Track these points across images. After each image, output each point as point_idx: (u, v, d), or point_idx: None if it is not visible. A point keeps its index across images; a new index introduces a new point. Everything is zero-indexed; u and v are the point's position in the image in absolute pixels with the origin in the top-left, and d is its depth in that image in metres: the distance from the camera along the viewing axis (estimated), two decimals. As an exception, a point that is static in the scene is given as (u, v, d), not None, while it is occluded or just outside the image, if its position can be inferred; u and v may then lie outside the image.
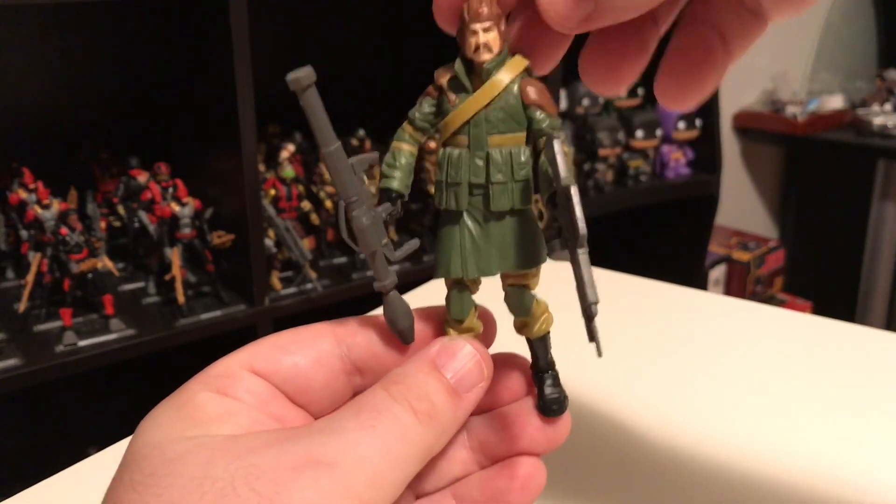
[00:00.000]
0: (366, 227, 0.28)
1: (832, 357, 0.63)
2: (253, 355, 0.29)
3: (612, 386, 0.56)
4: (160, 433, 0.26)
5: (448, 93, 0.28)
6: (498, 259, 0.29)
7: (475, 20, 0.27)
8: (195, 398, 0.27)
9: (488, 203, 0.28)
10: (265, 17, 1.40)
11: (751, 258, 2.29)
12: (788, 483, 0.47)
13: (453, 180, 0.28)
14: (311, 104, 0.25)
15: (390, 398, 0.26)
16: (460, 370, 0.28)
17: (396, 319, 0.30)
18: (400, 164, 0.29)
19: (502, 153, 0.28)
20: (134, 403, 1.56)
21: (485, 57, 0.27)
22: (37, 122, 1.44)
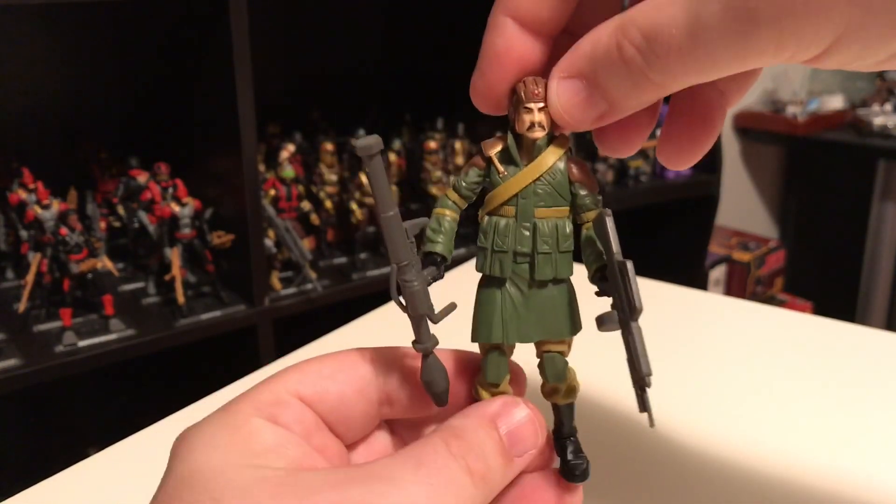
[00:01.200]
0: (417, 292, 0.28)
1: (832, 357, 0.63)
2: (300, 382, 0.29)
3: (612, 386, 0.56)
4: (219, 457, 0.26)
5: (497, 164, 0.30)
6: (538, 326, 0.30)
7: (531, 100, 0.29)
8: (249, 424, 0.27)
9: (533, 272, 0.30)
10: (265, 17, 1.40)
11: (751, 258, 2.29)
12: (789, 483, 0.47)
13: (500, 248, 0.30)
14: (376, 172, 0.27)
15: (450, 454, 0.26)
16: (516, 433, 0.29)
17: (433, 382, 0.30)
18: (444, 230, 0.30)
19: (548, 225, 0.29)
20: (134, 403, 1.56)
21: (538, 134, 0.29)
22: (37, 122, 1.44)
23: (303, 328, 0.99)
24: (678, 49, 0.25)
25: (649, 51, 0.25)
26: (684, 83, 0.26)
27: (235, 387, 0.59)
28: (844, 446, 0.51)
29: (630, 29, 0.26)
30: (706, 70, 0.25)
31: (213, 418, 0.28)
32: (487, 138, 0.31)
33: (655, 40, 0.25)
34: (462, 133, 1.58)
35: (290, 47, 1.69)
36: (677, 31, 0.24)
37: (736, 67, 0.25)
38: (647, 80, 0.26)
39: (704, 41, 0.24)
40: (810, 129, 2.34)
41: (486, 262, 0.30)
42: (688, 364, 0.61)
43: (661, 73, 0.26)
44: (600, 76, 0.27)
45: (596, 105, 0.28)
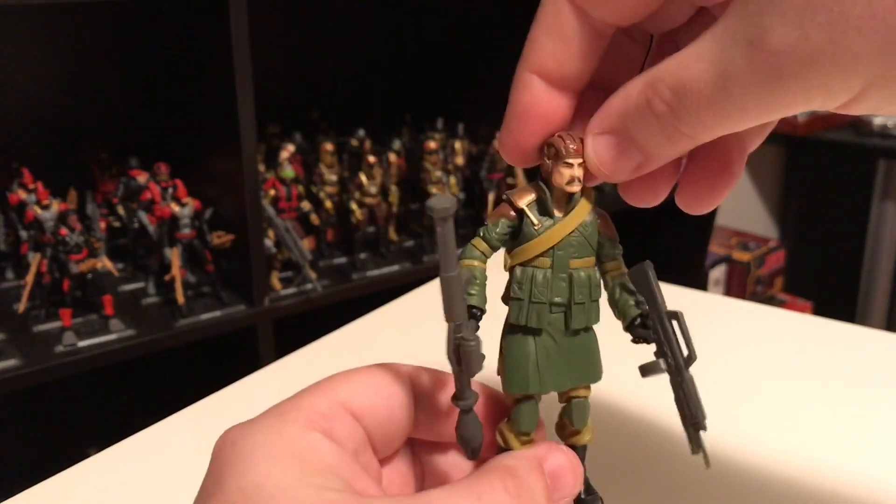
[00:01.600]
0: (474, 352, 0.29)
1: (832, 357, 0.63)
2: (353, 394, 0.29)
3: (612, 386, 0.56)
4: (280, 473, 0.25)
5: (531, 216, 0.30)
6: (570, 374, 0.31)
7: (571, 156, 0.29)
8: (306, 437, 0.27)
9: (568, 321, 0.30)
10: (265, 17, 1.40)
11: (751, 258, 2.29)
12: (789, 483, 0.47)
13: (538, 300, 0.30)
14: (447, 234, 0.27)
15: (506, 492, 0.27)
16: (558, 480, 0.29)
17: (472, 438, 0.30)
18: (478, 282, 0.31)
19: (582, 275, 0.30)
20: (134, 403, 1.56)
21: (576, 188, 0.30)
22: (37, 122, 1.44)
23: (303, 328, 0.99)
24: (707, 102, 0.25)
25: (679, 105, 0.26)
26: (717, 134, 0.27)
27: (235, 387, 0.59)
28: (844, 446, 0.51)
29: (659, 85, 0.26)
30: (736, 122, 0.26)
31: (266, 425, 0.27)
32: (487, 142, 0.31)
33: (684, 95, 0.26)
34: (462, 133, 1.58)
35: (290, 47, 1.69)
36: (704, 86, 0.25)
37: (767, 118, 0.25)
38: (680, 133, 0.27)
39: (731, 95, 0.25)
40: (810, 129, 2.34)
41: (521, 313, 0.30)
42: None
43: (691, 126, 0.26)
44: (633, 131, 0.28)
45: (632, 158, 0.28)
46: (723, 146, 0.31)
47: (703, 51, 0.25)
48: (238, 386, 0.59)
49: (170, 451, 0.51)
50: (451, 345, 0.29)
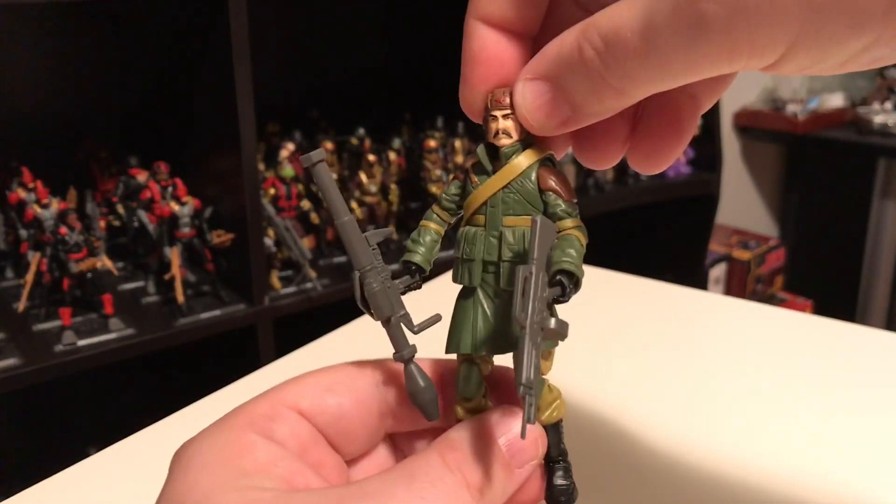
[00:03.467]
0: (377, 293, 0.28)
1: (832, 357, 0.62)
2: (299, 395, 0.29)
3: (612, 386, 0.56)
4: (208, 477, 0.25)
5: (472, 175, 0.30)
6: (507, 337, 0.29)
7: (496, 107, 0.29)
8: (242, 439, 0.27)
9: (498, 280, 0.29)
10: (265, 17, 1.40)
11: (751, 257, 2.29)
12: (788, 483, 0.47)
13: (468, 256, 0.29)
14: (323, 179, 0.27)
15: (445, 467, 0.26)
16: (517, 445, 0.28)
17: (416, 393, 0.29)
18: (424, 241, 0.30)
19: (515, 233, 0.29)
20: (134, 403, 1.56)
21: (504, 142, 0.29)
22: (36, 121, 1.44)
23: (303, 327, 0.99)
24: (633, 52, 0.24)
25: (607, 53, 0.25)
26: (644, 90, 0.26)
27: (235, 387, 0.59)
28: (844, 446, 0.51)
29: (591, 31, 0.25)
30: (662, 76, 0.25)
31: (209, 432, 0.27)
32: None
33: (613, 43, 0.25)
34: (462, 132, 1.58)
35: (290, 47, 1.69)
36: (632, 35, 0.24)
37: (692, 75, 0.25)
38: (606, 84, 0.26)
39: (656, 45, 0.24)
40: (810, 128, 2.34)
41: (456, 272, 0.30)
42: (687, 364, 0.61)
43: (618, 78, 0.25)
44: (563, 79, 0.27)
45: (559, 109, 0.27)
46: (673, 104, 0.30)
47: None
48: (238, 385, 0.59)
49: (170, 451, 0.51)
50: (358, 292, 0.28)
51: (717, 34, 0.23)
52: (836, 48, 0.23)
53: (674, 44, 0.24)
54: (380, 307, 0.28)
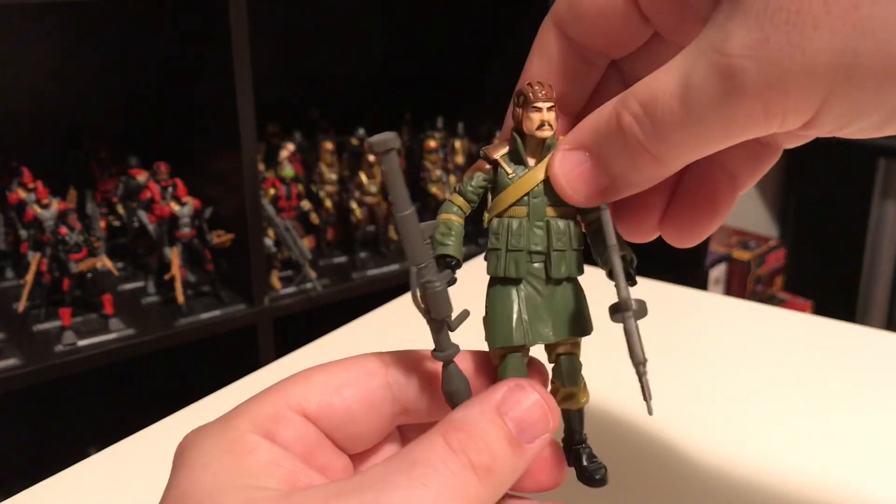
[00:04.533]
0: (440, 293, 0.27)
1: (832, 357, 0.62)
2: (304, 396, 0.28)
3: (612, 386, 0.56)
4: (210, 478, 0.25)
5: (505, 166, 0.30)
6: (556, 326, 0.29)
7: (540, 99, 0.29)
8: (244, 439, 0.26)
9: (548, 269, 0.29)
10: (265, 17, 1.40)
11: (751, 257, 2.29)
12: (788, 483, 0.47)
13: (514, 248, 0.29)
14: (392, 168, 0.26)
15: (448, 449, 0.25)
16: (525, 419, 0.27)
17: (456, 393, 0.29)
18: (454, 233, 0.30)
19: (560, 223, 0.29)
20: (134, 403, 1.56)
21: (547, 133, 0.29)
22: (36, 121, 1.44)
23: (303, 328, 0.99)
24: (671, 116, 0.25)
25: (645, 119, 0.25)
26: (682, 157, 0.26)
27: (235, 387, 0.59)
28: (844, 446, 0.51)
29: (629, 99, 0.26)
30: (700, 140, 0.25)
31: (211, 431, 0.27)
32: (487, 142, 0.31)
33: (651, 108, 0.25)
34: (462, 132, 1.58)
35: (290, 47, 1.69)
36: (670, 98, 0.24)
37: (729, 138, 0.25)
38: (645, 152, 0.26)
39: (694, 107, 0.24)
40: (810, 128, 2.33)
41: (499, 264, 0.29)
42: (687, 364, 0.61)
43: (657, 144, 0.26)
44: (602, 147, 0.27)
45: (597, 179, 0.28)
46: (711, 181, 0.31)
47: (674, 63, 0.25)
48: (238, 385, 0.59)
49: (170, 451, 0.51)
50: (416, 289, 0.27)
51: (751, 92, 0.23)
52: (872, 106, 0.23)
53: (711, 104, 0.24)
54: (441, 307, 0.27)
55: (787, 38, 0.22)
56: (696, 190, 0.31)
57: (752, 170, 0.31)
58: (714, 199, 0.31)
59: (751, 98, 0.23)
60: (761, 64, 0.23)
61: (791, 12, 0.22)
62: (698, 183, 0.31)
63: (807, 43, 0.22)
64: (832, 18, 0.22)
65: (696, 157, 0.26)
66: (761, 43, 0.22)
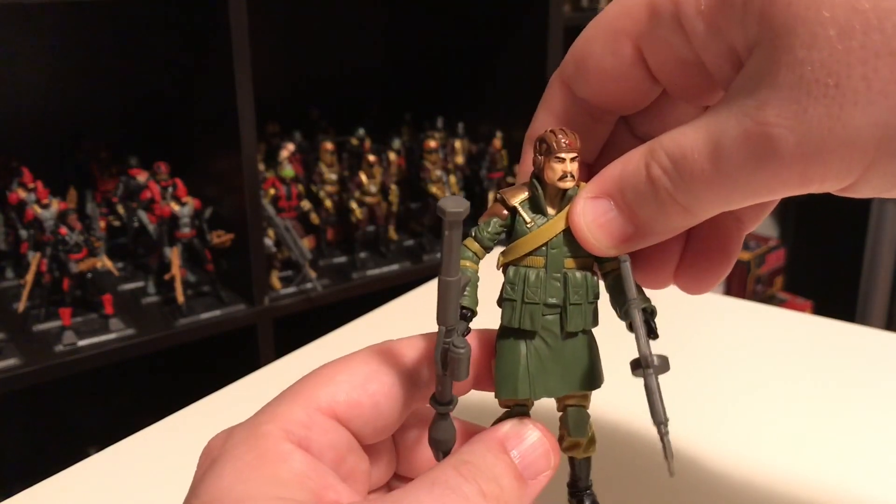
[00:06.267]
0: (463, 358, 0.27)
1: (832, 357, 0.62)
2: (333, 397, 0.28)
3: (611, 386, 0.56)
4: (241, 486, 0.25)
5: (523, 213, 0.29)
6: (564, 379, 0.29)
7: (563, 150, 0.28)
8: (278, 449, 0.26)
9: (564, 323, 0.29)
10: (265, 16, 1.40)
11: (751, 257, 2.29)
12: (788, 483, 0.47)
13: (531, 300, 0.29)
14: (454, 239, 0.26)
15: (461, 477, 0.26)
16: (528, 456, 0.28)
17: (443, 442, 0.29)
18: (470, 283, 0.29)
19: (577, 275, 0.29)
20: (134, 403, 1.56)
21: (569, 184, 0.28)
22: (36, 121, 1.44)
23: (303, 328, 0.99)
24: (701, 174, 0.25)
25: (675, 174, 0.25)
26: (713, 210, 0.26)
27: (235, 387, 0.59)
28: (844, 446, 0.51)
29: (658, 151, 0.26)
30: (731, 198, 0.25)
31: (243, 437, 0.27)
32: (487, 141, 0.31)
33: (681, 163, 0.25)
34: (462, 132, 1.58)
35: (290, 47, 1.69)
36: (699, 156, 0.24)
37: (763, 196, 0.25)
38: (674, 203, 0.26)
39: (725, 169, 0.24)
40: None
41: (514, 315, 0.29)
42: (687, 364, 0.61)
43: (687, 197, 0.26)
44: (628, 197, 0.27)
45: (622, 228, 0.28)
46: (720, 228, 0.31)
47: (704, 121, 0.25)
48: (238, 386, 0.59)
49: (170, 451, 0.51)
50: (440, 349, 0.28)
51: (789, 159, 0.23)
52: None
53: (743, 167, 0.24)
54: (460, 372, 0.28)
55: (827, 110, 0.22)
56: (708, 238, 0.31)
57: (757, 213, 0.31)
58: (725, 245, 0.31)
59: (788, 165, 0.23)
60: (799, 135, 0.22)
61: (829, 86, 0.22)
62: (709, 232, 0.31)
63: (847, 117, 0.22)
64: (873, 93, 0.22)
65: (727, 209, 0.26)
66: (799, 114, 0.22)
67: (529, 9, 1.51)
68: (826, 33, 0.22)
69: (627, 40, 0.28)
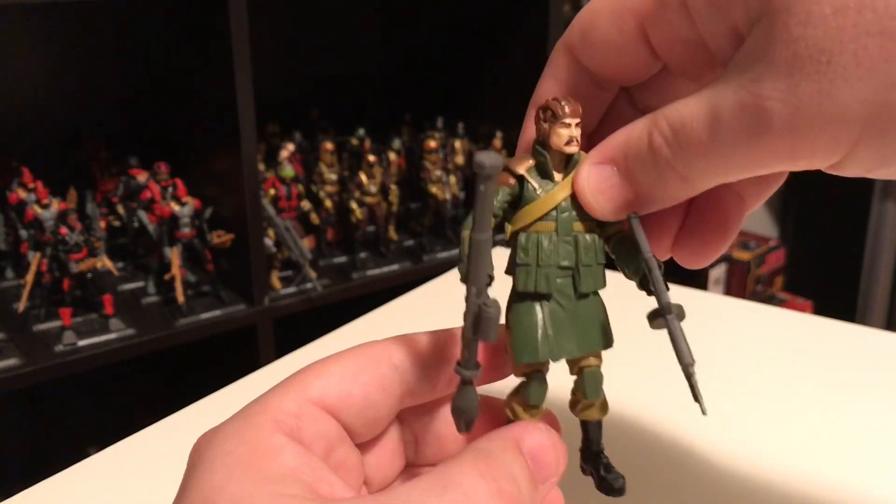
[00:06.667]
0: (494, 318, 0.27)
1: (832, 357, 0.62)
2: (324, 388, 0.28)
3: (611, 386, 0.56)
4: (237, 481, 0.25)
5: (531, 180, 0.30)
6: (579, 341, 0.30)
7: (568, 116, 0.29)
8: (270, 441, 0.26)
9: (577, 284, 0.29)
10: (265, 16, 1.40)
11: (751, 257, 2.29)
12: (787, 483, 0.47)
13: (546, 263, 0.29)
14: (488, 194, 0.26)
15: (479, 476, 0.25)
16: (540, 459, 0.28)
17: (467, 409, 0.29)
18: None
19: (587, 238, 0.29)
20: (134, 403, 1.56)
21: (574, 149, 0.29)
22: (36, 121, 1.44)
23: (303, 328, 0.99)
24: (699, 143, 0.25)
25: (675, 142, 0.26)
26: (709, 180, 0.27)
27: (235, 387, 0.59)
28: (844, 446, 0.51)
29: (660, 120, 0.27)
30: (727, 168, 0.26)
31: (233, 430, 0.27)
32: (487, 142, 0.31)
33: (680, 132, 0.26)
34: (462, 132, 1.58)
35: (290, 47, 1.69)
36: (698, 125, 0.25)
37: (755, 169, 0.25)
38: (673, 172, 0.27)
39: (721, 138, 0.25)
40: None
41: (529, 279, 0.29)
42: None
43: (685, 166, 0.26)
44: (631, 164, 0.28)
45: (622, 194, 0.28)
46: (721, 204, 0.31)
47: (705, 94, 0.25)
48: (238, 386, 0.59)
49: (170, 451, 0.51)
50: (471, 310, 0.27)
51: (780, 132, 0.23)
52: None
53: (738, 138, 0.24)
54: (490, 331, 0.27)
55: (818, 86, 0.23)
56: (708, 212, 0.32)
57: (758, 192, 0.32)
58: (725, 220, 0.32)
59: (779, 138, 0.24)
60: (790, 108, 0.23)
61: (822, 63, 0.22)
62: (709, 205, 0.31)
63: (837, 92, 0.22)
64: (863, 70, 0.22)
65: (722, 181, 0.27)
66: (791, 88, 0.23)
67: (529, 9, 1.51)
68: (822, 11, 0.22)
69: (632, 18, 0.28)
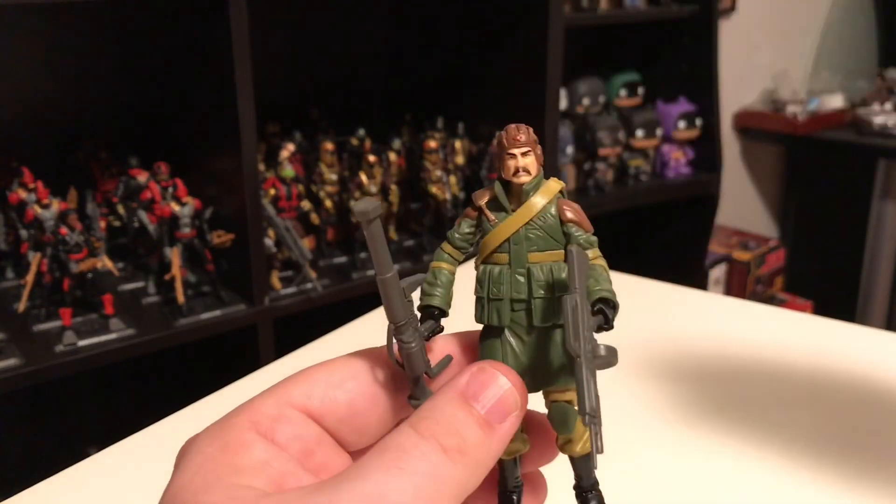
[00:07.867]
0: (414, 354, 0.28)
1: (832, 357, 0.63)
2: (307, 394, 0.28)
3: (611, 386, 0.56)
4: (200, 477, 0.25)
5: (487, 213, 0.29)
6: (542, 375, 0.29)
7: (513, 145, 0.28)
8: (240, 438, 0.26)
9: (531, 318, 0.29)
10: (265, 16, 1.40)
11: (751, 258, 2.29)
12: (787, 482, 0.47)
13: (496, 296, 0.29)
14: (375, 235, 0.26)
15: (417, 435, 0.25)
16: (491, 400, 0.27)
17: None
18: (441, 282, 0.30)
19: (542, 269, 0.29)
20: (134, 403, 1.56)
21: (523, 179, 0.28)
22: (36, 121, 1.44)
23: (303, 328, 0.99)
24: None
25: None
26: None
27: (235, 387, 0.59)
28: (844, 446, 0.51)
29: None
30: None
31: (211, 430, 0.27)
32: (487, 142, 0.31)
33: None
34: (462, 132, 1.58)
35: (290, 47, 1.69)
36: None
37: None
38: None
39: None
40: (810, 129, 2.34)
41: (483, 312, 0.29)
42: (688, 364, 0.61)
43: None
44: None
45: None
46: None
47: None
48: (238, 385, 0.59)
49: (170, 451, 0.51)
50: (391, 346, 0.28)
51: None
52: None
53: None
54: (414, 366, 0.28)
55: None
56: None
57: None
58: None
59: None
60: None
61: None
62: None
63: None
64: None
65: None
66: None
67: (529, 9, 1.51)
68: None
69: None
